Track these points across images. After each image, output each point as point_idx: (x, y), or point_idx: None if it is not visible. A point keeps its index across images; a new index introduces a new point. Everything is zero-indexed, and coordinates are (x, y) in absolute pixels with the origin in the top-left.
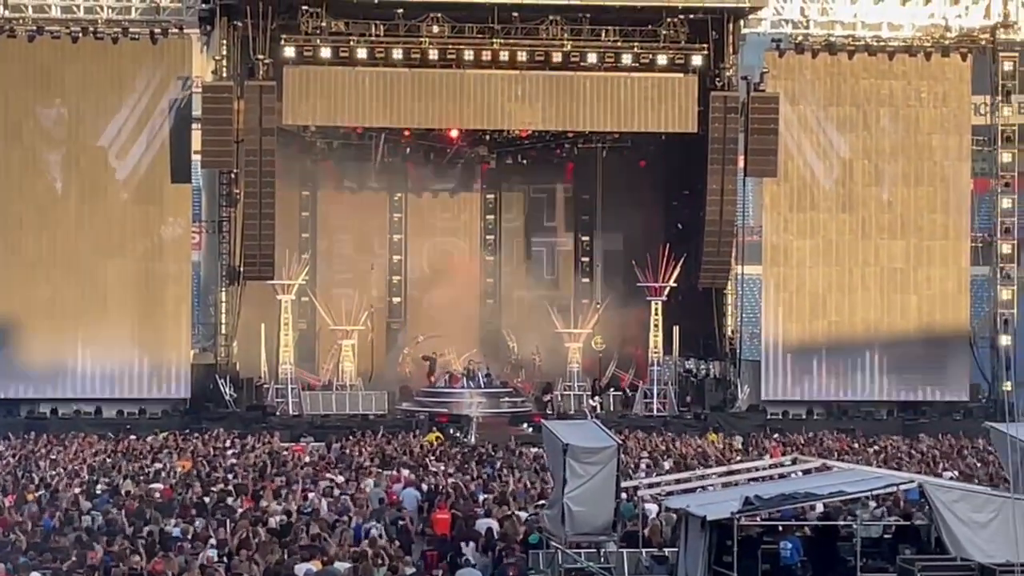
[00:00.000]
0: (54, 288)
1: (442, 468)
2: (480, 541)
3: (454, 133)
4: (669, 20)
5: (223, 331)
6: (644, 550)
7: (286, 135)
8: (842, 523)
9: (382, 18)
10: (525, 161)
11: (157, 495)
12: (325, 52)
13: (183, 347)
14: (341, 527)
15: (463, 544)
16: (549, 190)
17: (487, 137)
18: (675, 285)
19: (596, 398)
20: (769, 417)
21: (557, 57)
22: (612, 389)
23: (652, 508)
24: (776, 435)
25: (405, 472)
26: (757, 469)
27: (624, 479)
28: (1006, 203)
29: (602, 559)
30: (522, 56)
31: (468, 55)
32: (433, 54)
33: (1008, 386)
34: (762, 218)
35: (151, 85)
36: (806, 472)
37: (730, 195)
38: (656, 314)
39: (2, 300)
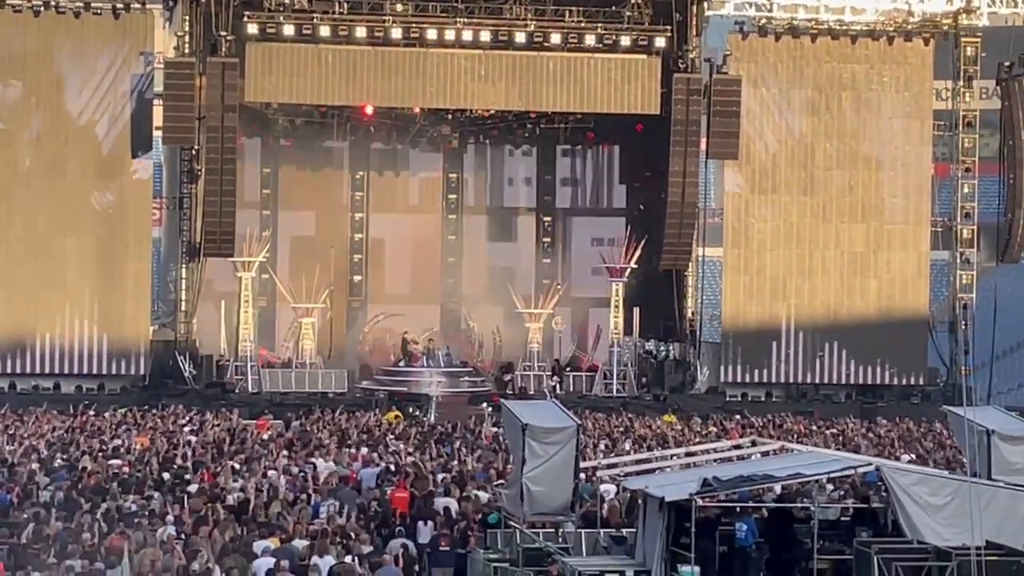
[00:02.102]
0: (13, 264)
1: (401, 447)
2: (438, 520)
3: (417, 111)
4: (633, 1)
5: (183, 308)
6: (602, 530)
7: (248, 112)
8: (799, 505)
9: None
10: (487, 141)
11: (115, 471)
12: (288, 29)
13: (142, 323)
14: (300, 505)
15: (421, 523)
16: (511, 170)
17: (450, 116)
18: (636, 266)
19: (555, 378)
20: (728, 399)
21: (520, 37)
22: (569, 368)
23: (610, 489)
24: (737, 416)
25: (364, 451)
26: (716, 451)
27: (583, 459)
28: (966, 188)
29: (560, 539)
30: (485, 36)
31: (431, 34)
32: (396, 33)
33: (966, 370)
34: (723, 200)
35: (113, 61)
36: (765, 454)
37: (692, 177)
38: (617, 295)
39: None
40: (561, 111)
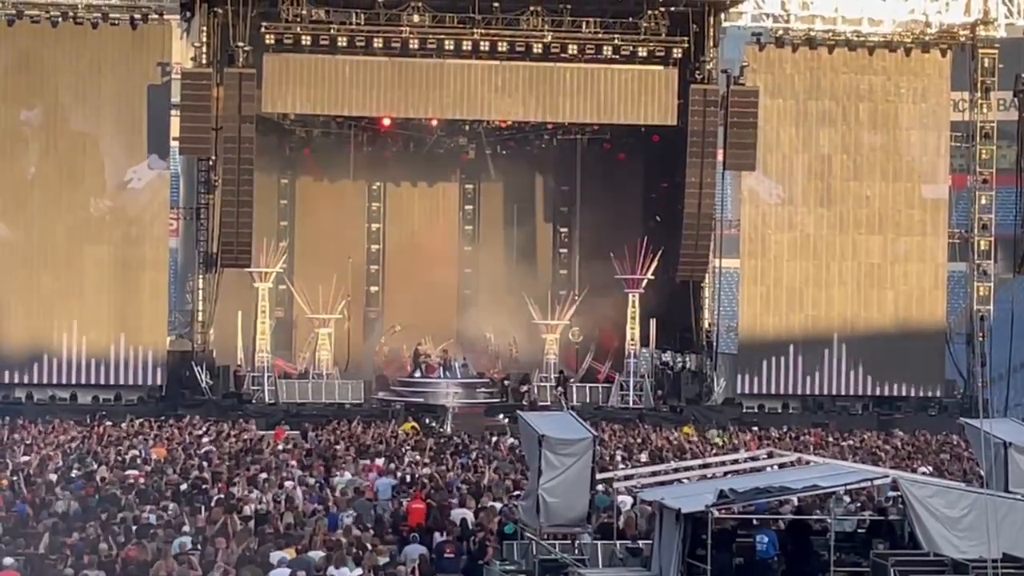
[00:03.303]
0: (30, 274)
1: (417, 458)
2: (453, 531)
3: (434, 122)
4: (650, 12)
5: (200, 318)
6: (618, 542)
7: (265, 123)
8: (816, 517)
9: (363, 7)
10: (504, 152)
11: (132, 482)
12: (305, 40)
13: (159, 334)
14: (317, 516)
15: (437, 534)
16: (528, 181)
17: (466, 127)
18: (653, 277)
19: (559, 388)
20: (745, 410)
21: (538, 48)
22: (574, 380)
23: (627, 500)
24: (755, 427)
25: (380, 462)
26: (732, 462)
27: (599, 471)
28: (984, 200)
29: (576, 550)
30: (502, 46)
31: (448, 45)
32: (413, 43)
33: (983, 382)
34: (740, 211)
35: (130, 71)
36: (781, 466)
37: (708, 188)
38: (633, 306)
39: None
40: (578, 122)
